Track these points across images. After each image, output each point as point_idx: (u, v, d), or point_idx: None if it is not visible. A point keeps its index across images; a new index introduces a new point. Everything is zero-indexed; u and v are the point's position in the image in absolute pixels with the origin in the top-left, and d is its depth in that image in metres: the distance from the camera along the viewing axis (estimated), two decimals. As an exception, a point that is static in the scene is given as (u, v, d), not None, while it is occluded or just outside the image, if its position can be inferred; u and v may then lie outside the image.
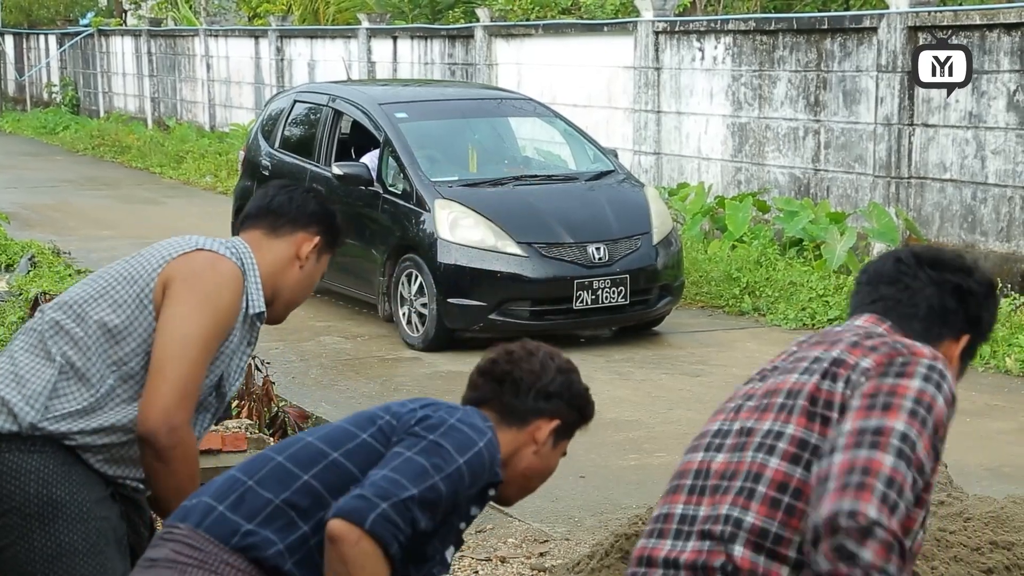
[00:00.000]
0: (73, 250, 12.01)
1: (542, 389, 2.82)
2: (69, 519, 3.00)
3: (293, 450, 2.68)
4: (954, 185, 10.24)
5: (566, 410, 2.86)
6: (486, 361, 2.87)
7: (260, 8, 24.88)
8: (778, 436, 2.31)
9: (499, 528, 5.72)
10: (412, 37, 17.30)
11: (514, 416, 2.80)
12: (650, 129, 13.22)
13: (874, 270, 2.56)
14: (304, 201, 3.28)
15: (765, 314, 9.85)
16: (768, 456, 2.30)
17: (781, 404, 2.36)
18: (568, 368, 2.89)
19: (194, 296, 3.03)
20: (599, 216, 9.10)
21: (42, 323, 3.11)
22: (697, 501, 2.36)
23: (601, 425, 7.18)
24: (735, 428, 2.41)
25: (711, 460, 2.40)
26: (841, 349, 2.38)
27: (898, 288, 2.50)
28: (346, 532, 2.49)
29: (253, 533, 2.58)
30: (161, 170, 19.54)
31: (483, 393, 2.83)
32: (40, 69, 30.23)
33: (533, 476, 2.87)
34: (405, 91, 11.43)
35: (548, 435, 2.83)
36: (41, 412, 2.99)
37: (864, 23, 10.95)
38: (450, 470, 2.59)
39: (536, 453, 2.83)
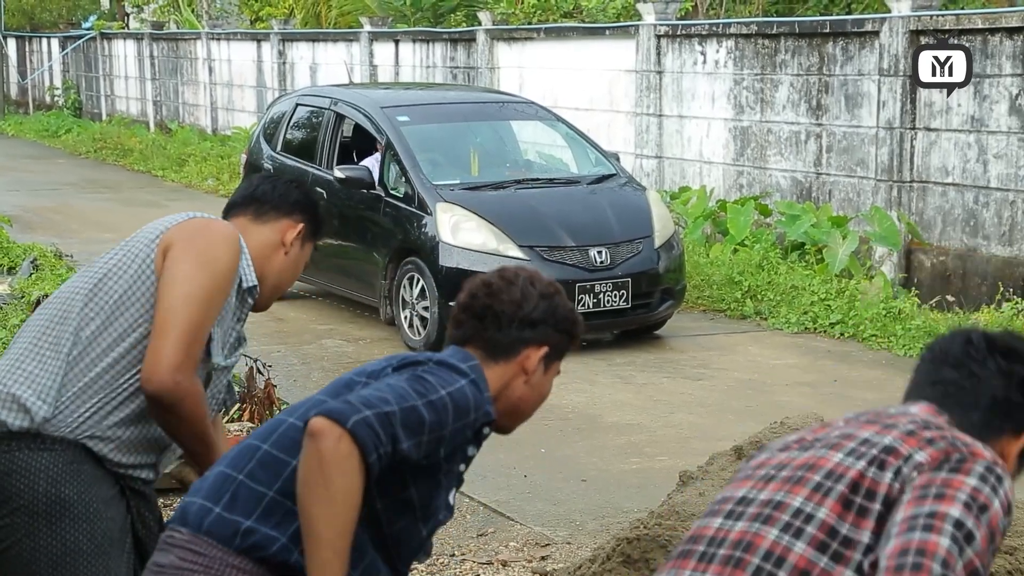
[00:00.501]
0: (75, 253, 12.01)
1: (525, 318, 2.73)
2: (76, 519, 2.99)
3: (276, 435, 2.63)
4: (956, 189, 10.24)
5: (553, 335, 2.77)
6: (465, 295, 2.78)
7: (262, 11, 24.89)
8: (808, 519, 2.15)
9: (500, 532, 5.72)
10: (414, 40, 17.30)
11: (500, 350, 2.73)
12: (652, 133, 13.22)
13: (940, 348, 2.39)
14: (287, 190, 3.34)
15: (767, 318, 9.84)
16: (794, 539, 2.14)
17: (818, 483, 2.20)
18: (551, 291, 2.78)
19: (193, 254, 3.05)
20: (601, 220, 9.10)
21: (46, 314, 3.12)
22: (704, 568, 2.21)
23: (602, 429, 7.20)
24: (761, 498, 2.24)
25: (729, 529, 2.23)
26: (894, 436, 2.22)
27: (962, 374, 2.33)
28: (327, 428, 2.43)
29: (253, 531, 2.54)
30: (163, 173, 19.55)
31: (466, 331, 2.75)
32: (42, 72, 30.25)
33: (527, 405, 2.81)
34: (407, 94, 11.43)
35: (537, 363, 2.76)
36: (53, 405, 3.00)
37: (866, 27, 10.95)
38: (433, 398, 2.54)
39: (527, 383, 2.77)
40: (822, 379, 8.26)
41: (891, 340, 9.04)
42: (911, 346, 8.87)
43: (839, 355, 8.89)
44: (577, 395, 7.91)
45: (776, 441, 2.44)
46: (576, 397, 7.86)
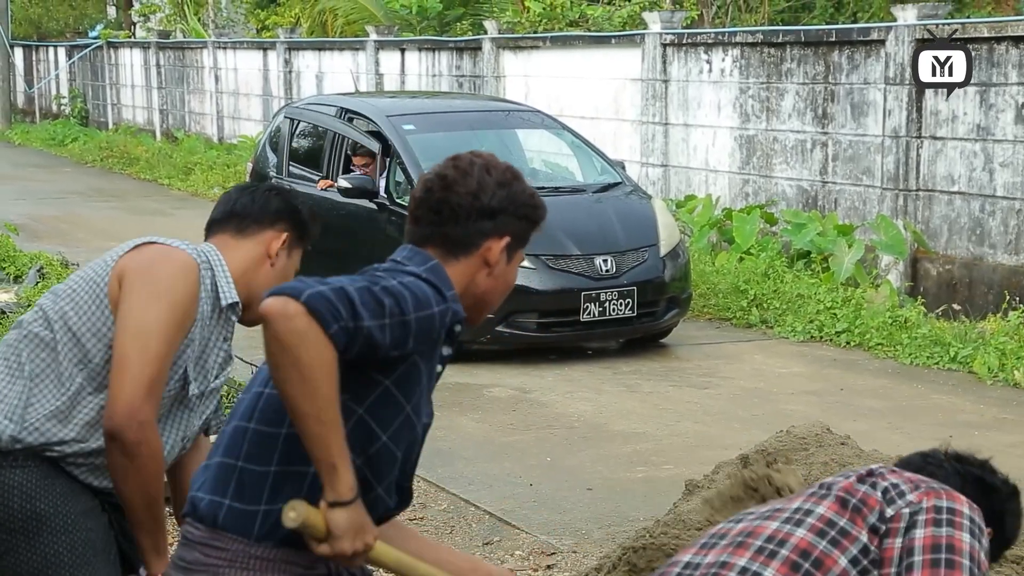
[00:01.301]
0: (81, 261, 12.01)
1: (484, 209, 2.63)
2: (54, 531, 2.98)
3: (258, 411, 2.58)
4: (962, 198, 10.23)
5: (514, 222, 2.66)
6: (420, 189, 2.68)
7: (268, 21, 24.95)
8: (808, 513, 2.39)
9: (506, 540, 5.71)
10: (420, 49, 17.32)
11: (460, 246, 2.63)
12: (657, 141, 13.22)
13: (901, 461, 2.68)
14: (267, 200, 3.24)
15: (773, 326, 9.83)
16: (795, 527, 2.35)
17: (811, 492, 2.45)
18: (508, 178, 2.66)
19: (148, 287, 2.99)
20: (606, 228, 9.09)
21: (15, 335, 3.11)
22: (705, 553, 2.40)
23: (608, 437, 7.20)
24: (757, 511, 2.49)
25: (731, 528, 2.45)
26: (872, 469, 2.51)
27: (923, 475, 2.56)
28: (279, 307, 2.35)
29: (270, 513, 2.51)
30: (169, 182, 19.58)
31: (423, 229, 2.66)
32: (49, 81, 30.31)
33: (492, 296, 2.71)
34: (413, 103, 11.45)
35: (500, 254, 2.66)
36: (19, 424, 2.98)
37: (872, 35, 10.95)
38: (386, 284, 2.47)
39: (490, 275, 2.67)
40: (828, 388, 8.25)
41: (897, 349, 9.03)
42: (917, 355, 8.86)
43: (845, 364, 8.87)
44: (583, 404, 7.90)
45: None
46: (582, 406, 7.86)
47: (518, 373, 8.56)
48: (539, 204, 2.73)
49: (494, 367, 8.64)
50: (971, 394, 8.04)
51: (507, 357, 8.78)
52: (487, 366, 8.63)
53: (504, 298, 2.76)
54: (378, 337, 2.42)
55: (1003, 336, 8.73)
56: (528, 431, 7.37)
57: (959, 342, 8.78)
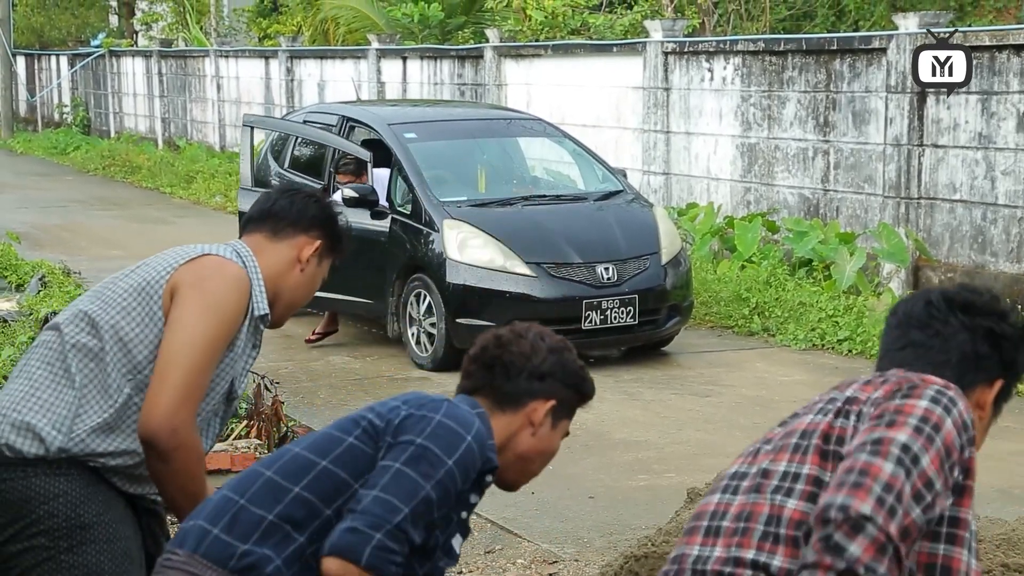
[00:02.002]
0: (83, 270, 12.03)
1: (534, 370, 2.76)
2: (96, 541, 3.00)
3: (282, 463, 2.65)
4: (964, 206, 10.23)
5: (562, 389, 2.80)
6: (476, 348, 2.82)
7: (270, 29, 25.00)
8: (795, 478, 2.29)
9: (508, 549, 5.71)
10: (422, 58, 17.34)
11: (507, 400, 2.74)
12: (659, 149, 13.23)
13: (903, 312, 2.49)
14: (305, 205, 3.27)
15: (774, 334, 9.83)
16: (786, 498, 2.27)
17: (795, 444, 2.33)
18: (560, 347, 2.82)
19: (200, 300, 3.02)
20: (608, 236, 9.10)
21: (57, 340, 3.10)
22: (712, 543, 2.32)
23: (610, 445, 7.19)
24: (752, 471, 2.37)
25: (729, 502, 2.36)
26: (854, 388, 2.36)
27: (928, 333, 2.43)
28: (342, 572, 2.47)
29: (250, 553, 2.55)
30: (171, 190, 19.59)
31: (475, 381, 2.77)
32: (51, 90, 30.35)
33: (533, 459, 2.81)
34: (414, 111, 11.46)
35: (544, 416, 2.77)
36: (67, 435, 2.99)
37: (873, 44, 10.96)
38: (439, 476, 2.56)
39: (534, 435, 2.77)
40: (830, 396, 8.23)
41: (899, 357, 9.01)
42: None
43: (847, 372, 8.87)
44: (584, 412, 7.83)
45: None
46: (583, 414, 7.80)
47: (520, 381, 8.55)
48: (588, 378, 2.87)
49: (496, 375, 8.62)
50: (973, 402, 8.03)
51: (509, 365, 8.77)
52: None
53: (544, 464, 2.86)
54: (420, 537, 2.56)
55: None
56: (530, 439, 7.35)
57: (961, 350, 8.76)
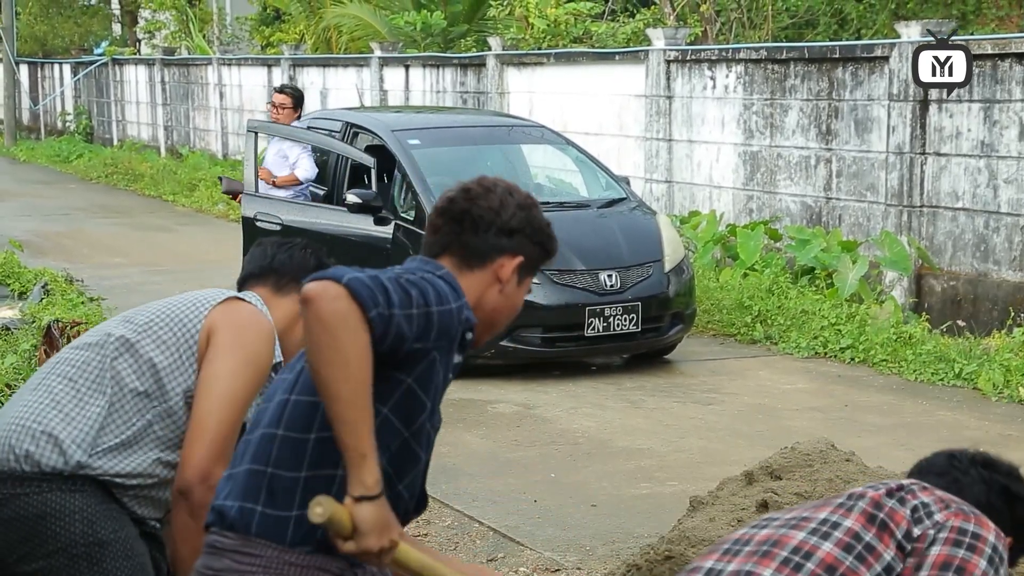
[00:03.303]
0: (86, 278, 12.03)
1: (503, 226, 2.72)
2: (116, 557, 3.02)
3: (286, 417, 2.60)
4: (966, 214, 10.22)
5: (529, 246, 2.76)
6: (443, 200, 2.77)
7: (273, 37, 25.00)
8: (835, 526, 2.33)
9: (510, 557, 5.70)
10: (424, 66, 17.36)
11: (476, 256, 2.71)
12: (661, 157, 13.23)
13: (924, 463, 2.62)
14: (304, 258, 3.36)
15: (777, 342, 9.82)
16: (822, 540, 2.31)
17: (840, 503, 2.40)
18: (528, 203, 2.78)
19: (240, 352, 3.09)
20: (611, 243, 9.09)
21: (83, 359, 3.13)
22: (729, 560, 2.37)
23: (612, 453, 7.18)
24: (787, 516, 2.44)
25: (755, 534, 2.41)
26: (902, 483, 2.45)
27: (946, 480, 2.53)
28: (321, 289, 2.42)
29: (303, 518, 2.51)
30: (174, 198, 19.60)
31: (442, 236, 2.73)
32: (54, 98, 30.38)
33: (500, 316, 2.78)
34: (418, 118, 11.46)
35: (512, 272, 2.74)
36: (88, 451, 3.01)
37: (876, 52, 10.96)
38: (409, 277, 2.54)
39: (501, 292, 2.74)
40: (832, 404, 8.23)
41: (902, 365, 9.01)
42: (922, 371, 8.84)
43: (849, 380, 8.86)
44: (587, 420, 7.89)
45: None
46: (586, 422, 7.85)
47: (522, 389, 8.55)
48: (554, 236, 2.83)
49: (498, 382, 8.63)
50: (976, 411, 8.02)
51: (511, 372, 8.77)
52: (491, 381, 8.62)
53: (509, 319, 2.82)
54: (406, 328, 2.48)
55: (1008, 352, 8.71)
56: (532, 447, 7.36)
57: (964, 358, 8.76)
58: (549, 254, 2.82)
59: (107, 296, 10.40)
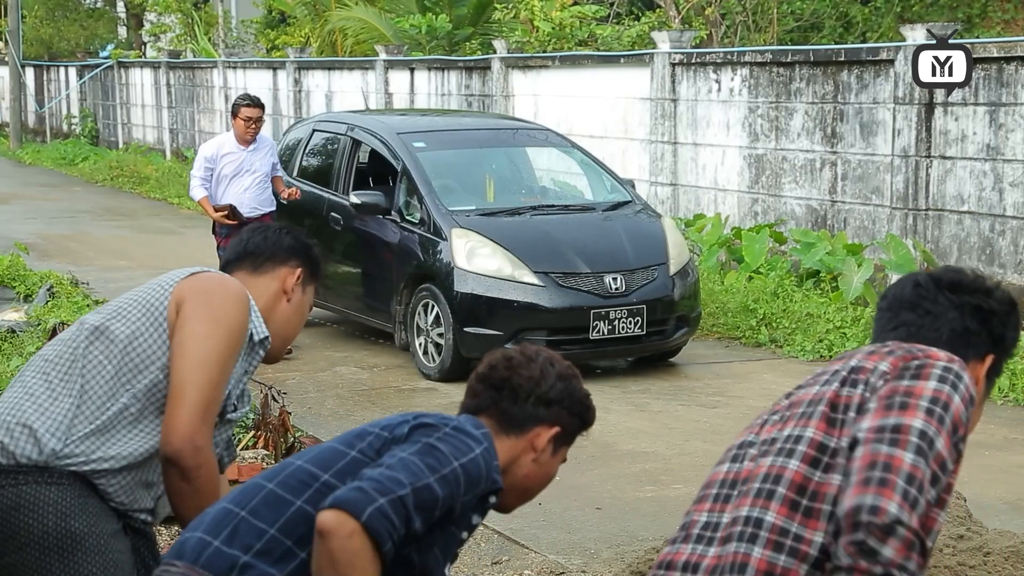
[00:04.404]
0: (91, 280, 12.04)
1: (541, 396, 2.76)
2: (88, 552, 2.99)
3: (283, 476, 2.63)
4: (972, 217, 10.22)
5: (566, 417, 2.79)
6: (484, 367, 2.81)
7: (278, 40, 25.03)
8: (797, 440, 2.34)
9: (515, 560, 5.70)
10: (429, 69, 17.37)
11: (512, 424, 2.74)
12: (666, 160, 13.23)
13: (893, 296, 2.57)
14: (279, 237, 3.37)
15: (782, 345, 9.82)
16: (787, 459, 2.32)
17: (802, 412, 2.39)
18: (568, 374, 2.81)
19: (208, 314, 3.08)
20: (616, 246, 9.09)
21: (55, 353, 3.14)
22: (721, 508, 2.39)
23: (617, 456, 7.18)
24: (759, 440, 2.44)
25: (737, 470, 2.43)
26: (859, 358, 2.43)
27: (919, 313, 2.51)
28: (339, 525, 2.41)
29: (250, 566, 2.54)
30: (179, 201, 19.62)
31: (481, 400, 2.77)
32: (60, 101, 30.43)
33: (532, 483, 2.82)
34: (423, 120, 11.46)
35: (547, 442, 2.77)
36: (63, 439, 3.00)
37: (881, 55, 10.95)
38: (445, 471, 2.54)
39: (535, 461, 2.78)
40: (838, 407, 8.21)
41: (907, 368, 8.99)
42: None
43: (855, 383, 8.84)
44: (592, 423, 7.87)
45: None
46: (591, 425, 7.83)
47: (527, 392, 8.54)
48: (592, 407, 2.86)
49: (503, 386, 8.61)
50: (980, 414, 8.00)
51: (516, 376, 8.76)
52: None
53: (541, 488, 2.87)
54: (421, 529, 2.51)
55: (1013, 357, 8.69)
56: (537, 450, 7.34)
57: (969, 361, 8.75)
58: (586, 425, 2.85)
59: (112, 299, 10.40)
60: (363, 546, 2.41)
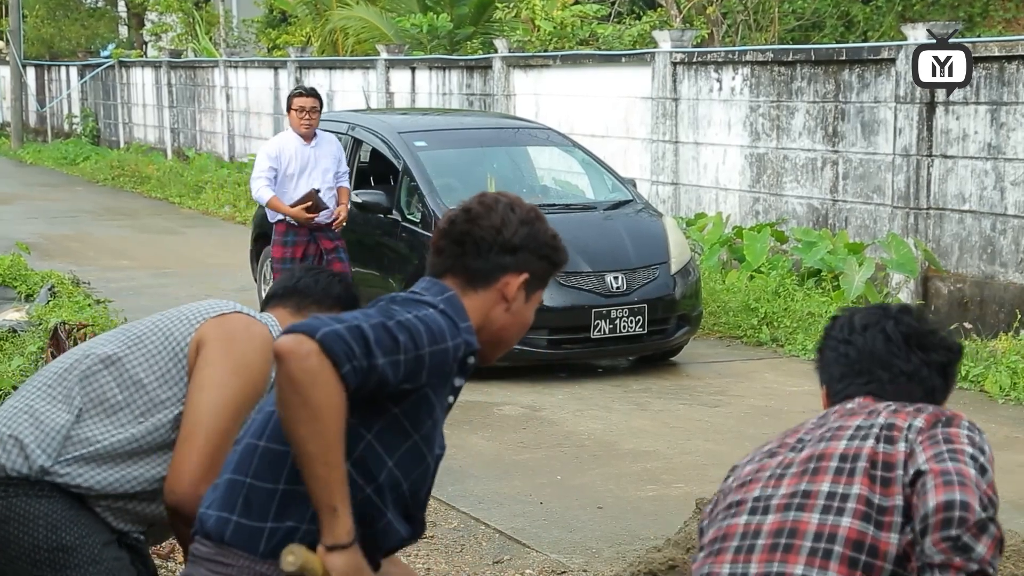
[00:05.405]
0: (92, 280, 12.04)
1: (505, 244, 2.67)
2: (82, 563, 2.98)
3: (270, 429, 2.60)
4: (973, 216, 10.21)
5: (534, 261, 2.71)
6: (444, 221, 2.74)
7: (279, 40, 25.03)
8: (844, 498, 2.28)
9: (516, 559, 5.70)
10: (430, 68, 17.37)
11: (479, 278, 2.67)
12: (668, 159, 13.23)
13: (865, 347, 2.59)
14: (329, 283, 3.32)
15: (783, 345, 9.81)
16: (838, 517, 2.26)
17: (837, 468, 2.34)
18: (530, 218, 2.72)
19: (228, 360, 3.04)
20: (617, 245, 9.09)
21: (62, 368, 3.11)
22: (746, 559, 2.30)
23: (619, 455, 7.18)
24: (781, 492, 2.36)
25: (760, 523, 2.34)
26: (886, 415, 2.41)
27: (893, 373, 2.56)
28: (297, 344, 2.37)
29: (276, 531, 2.53)
30: (180, 200, 19.63)
31: (445, 259, 2.70)
32: (61, 100, 30.43)
33: (509, 334, 2.75)
34: (424, 120, 11.47)
35: (518, 290, 2.70)
36: (53, 457, 2.98)
37: (882, 54, 10.95)
38: (401, 318, 2.49)
39: (508, 310, 2.70)
40: (839, 406, 8.21)
41: (908, 367, 8.99)
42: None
43: (856, 382, 8.84)
44: (593, 422, 7.89)
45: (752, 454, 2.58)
46: (592, 424, 7.84)
47: (528, 391, 8.55)
48: (560, 247, 2.77)
49: (504, 384, 8.63)
50: (982, 413, 8.00)
51: (517, 374, 8.77)
52: (497, 383, 8.62)
53: (519, 335, 2.78)
54: (390, 374, 2.45)
55: (1014, 355, 8.70)
56: (538, 449, 7.35)
57: (970, 361, 8.75)
58: (557, 266, 2.77)
59: (114, 298, 10.41)
60: (322, 365, 2.36)
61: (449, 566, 5.59)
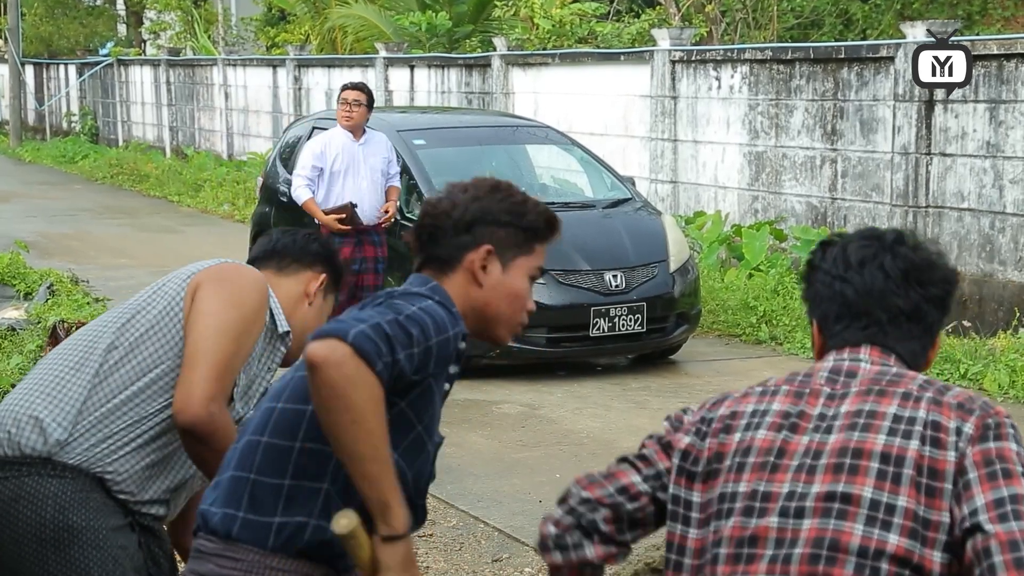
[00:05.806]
0: (91, 279, 12.04)
1: (457, 225, 2.66)
2: (85, 545, 2.98)
3: (272, 424, 2.60)
4: (972, 214, 10.22)
5: (497, 231, 2.68)
6: (416, 219, 2.75)
7: (278, 38, 25.03)
8: (890, 510, 2.18)
9: (515, 557, 5.70)
10: (429, 66, 17.37)
11: (445, 263, 2.67)
12: (667, 157, 13.23)
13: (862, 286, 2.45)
14: (307, 242, 3.39)
15: (782, 343, 9.82)
16: (884, 532, 2.16)
17: (879, 471, 2.22)
18: (483, 192, 2.70)
19: (222, 294, 3.09)
20: (616, 244, 9.09)
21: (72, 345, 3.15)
22: (783, 570, 2.19)
23: (617, 453, 7.14)
24: (815, 490, 2.23)
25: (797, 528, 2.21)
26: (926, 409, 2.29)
27: (891, 314, 2.45)
28: (330, 351, 2.35)
29: (284, 526, 2.54)
30: (179, 199, 19.63)
31: (419, 256, 2.72)
32: (60, 98, 30.42)
33: (498, 309, 2.70)
34: (423, 118, 11.47)
35: (480, 264, 2.66)
36: (69, 430, 3.01)
37: (881, 52, 10.95)
38: (408, 312, 2.50)
39: (482, 287, 2.68)
40: (838, 404, 8.22)
41: (907, 365, 8.99)
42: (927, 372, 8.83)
43: (855, 380, 8.84)
44: (592, 420, 7.89)
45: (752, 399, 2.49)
46: (591, 422, 7.85)
47: (527, 389, 8.56)
48: (524, 209, 2.74)
49: (503, 383, 8.63)
50: (982, 411, 8.01)
51: (516, 373, 8.78)
52: (496, 382, 8.62)
53: (515, 307, 2.73)
54: (407, 367, 2.46)
55: (1013, 353, 8.70)
56: (537, 448, 7.36)
57: (969, 359, 8.76)
58: (523, 226, 2.74)
59: (113, 297, 10.42)
60: (358, 368, 2.36)
61: (448, 564, 5.60)
